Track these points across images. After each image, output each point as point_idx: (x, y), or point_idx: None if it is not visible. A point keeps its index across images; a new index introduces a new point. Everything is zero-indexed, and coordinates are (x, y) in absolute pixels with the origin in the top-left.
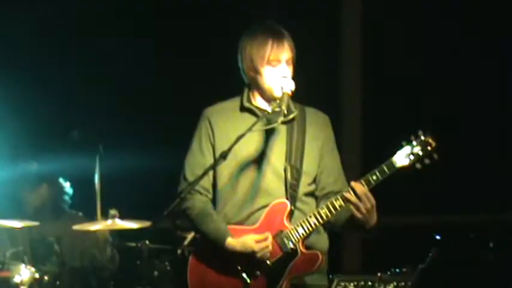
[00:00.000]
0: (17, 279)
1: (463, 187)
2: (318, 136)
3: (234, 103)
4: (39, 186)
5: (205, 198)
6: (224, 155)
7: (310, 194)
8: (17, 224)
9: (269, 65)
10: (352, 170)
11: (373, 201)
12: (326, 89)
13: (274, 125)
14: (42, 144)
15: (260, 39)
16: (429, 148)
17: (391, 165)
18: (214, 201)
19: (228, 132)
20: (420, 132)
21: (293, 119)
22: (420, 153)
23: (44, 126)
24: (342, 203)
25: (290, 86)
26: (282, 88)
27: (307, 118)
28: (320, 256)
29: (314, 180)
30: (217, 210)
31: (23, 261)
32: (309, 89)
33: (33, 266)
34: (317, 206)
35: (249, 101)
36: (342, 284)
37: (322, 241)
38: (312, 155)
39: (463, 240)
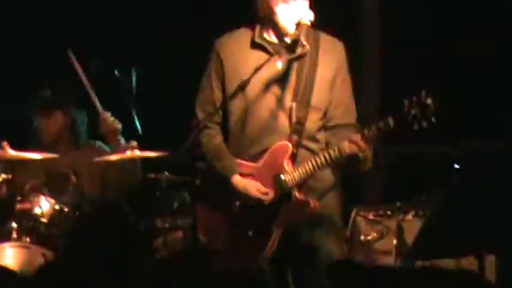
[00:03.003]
0: (37, 210)
1: (483, 113)
2: (330, 67)
3: (245, 35)
4: (54, 114)
5: (215, 132)
6: (242, 86)
7: (322, 129)
8: (35, 155)
9: (283, 2)
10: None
11: (367, 154)
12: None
13: (294, 55)
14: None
15: None
16: (428, 110)
17: (387, 124)
18: (225, 136)
19: (238, 68)
20: (422, 94)
21: (304, 54)
22: (418, 115)
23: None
24: (338, 154)
25: (309, 17)
26: (300, 19)
27: (321, 48)
28: (311, 204)
29: (325, 114)
30: (227, 145)
31: (42, 193)
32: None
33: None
34: (325, 138)
35: (261, 37)
36: (361, 214)
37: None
38: (323, 88)
39: (483, 168)
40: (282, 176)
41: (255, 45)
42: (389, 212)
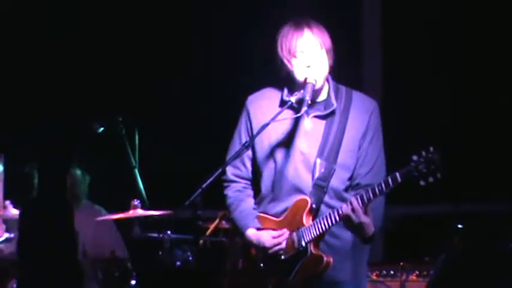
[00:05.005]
0: None
1: (485, 175)
2: (360, 126)
3: (275, 93)
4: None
5: (240, 186)
6: (247, 145)
7: (350, 189)
8: None
9: (294, 57)
10: None
11: (362, 220)
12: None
13: (298, 115)
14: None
15: (285, 34)
16: (433, 166)
17: (395, 179)
18: (258, 188)
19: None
20: (429, 149)
21: (333, 112)
22: (424, 170)
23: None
24: (340, 214)
25: (314, 76)
26: (305, 78)
27: (352, 106)
28: (324, 259)
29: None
30: (258, 198)
31: None
32: None
33: None
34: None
35: (288, 95)
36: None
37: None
38: (351, 147)
39: (485, 229)
40: (300, 231)
41: (283, 103)
42: (392, 272)
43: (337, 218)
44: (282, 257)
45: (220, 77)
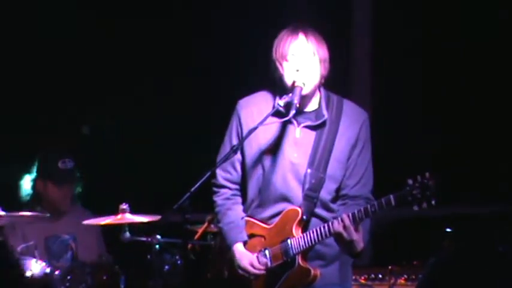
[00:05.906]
0: (28, 274)
1: (473, 178)
2: (351, 137)
3: (266, 98)
4: (73, 184)
5: (229, 193)
6: (235, 149)
7: (337, 200)
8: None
9: (285, 60)
10: None
11: (353, 237)
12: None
13: (286, 118)
14: None
15: (280, 38)
16: (427, 193)
17: (388, 202)
18: (246, 192)
19: (256, 132)
20: (425, 175)
21: (324, 122)
22: (418, 196)
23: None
24: (331, 229)
25: (303, 80)
26: (293, 82)
27: (343, 116)
28: (312, 272)
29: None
30: (246, 203)
31: (33, 256)
32: None
33: (47, 260)
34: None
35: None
36: (352, 277)
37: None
38: (341, 158)
39: (474, 233)
40: (289, 241)
41: (276, 110)
42: (380, 276)
43: (328, 234)
44: (269, 264)
45: (220, 77)
